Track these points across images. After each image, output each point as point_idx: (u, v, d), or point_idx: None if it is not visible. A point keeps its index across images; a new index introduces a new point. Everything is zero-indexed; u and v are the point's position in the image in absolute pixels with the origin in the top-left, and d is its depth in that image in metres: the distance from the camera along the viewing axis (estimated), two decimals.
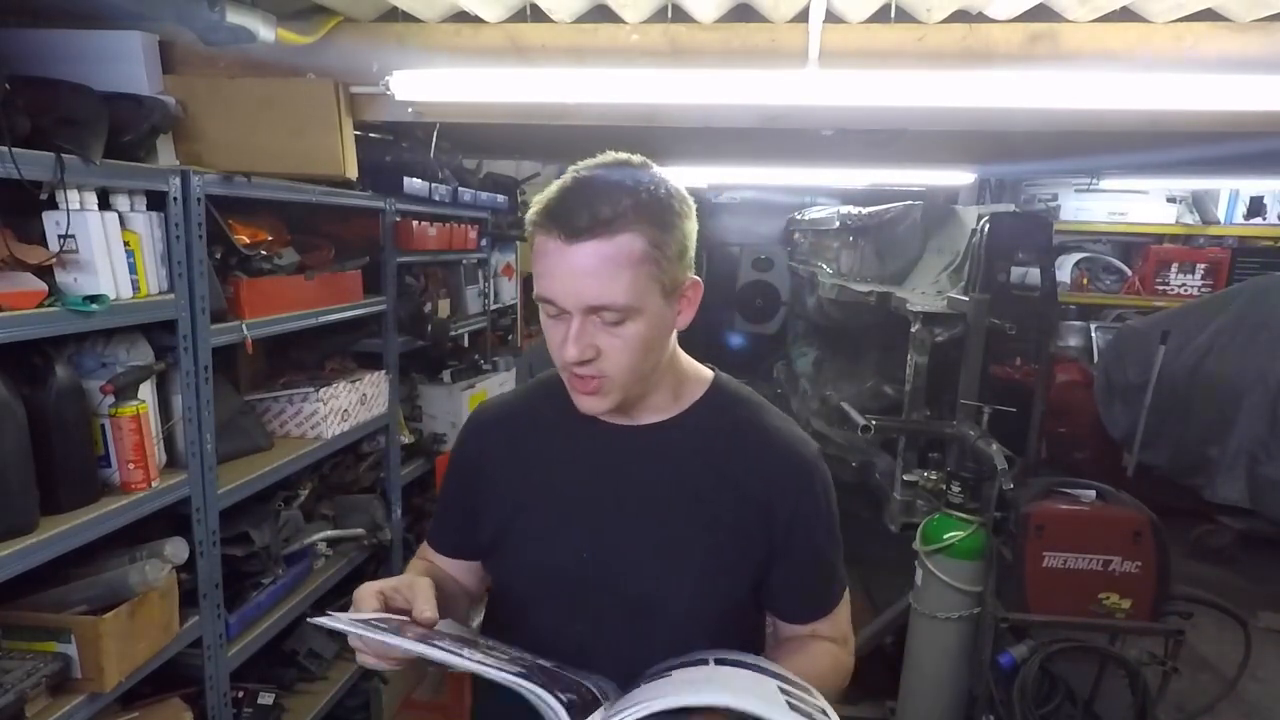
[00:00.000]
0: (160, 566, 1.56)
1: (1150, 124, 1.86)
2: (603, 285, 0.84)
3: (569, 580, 0.98)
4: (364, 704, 2.50)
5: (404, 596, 0.87)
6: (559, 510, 1.00)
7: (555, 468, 1.02)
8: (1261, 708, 3.01)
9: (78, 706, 1.44)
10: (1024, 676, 2.30)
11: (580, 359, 0.88)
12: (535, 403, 1.07)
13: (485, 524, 1.04)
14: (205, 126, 1.84)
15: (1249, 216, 5.64)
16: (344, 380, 2.34)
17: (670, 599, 0.96)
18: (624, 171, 0.89)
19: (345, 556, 2.40)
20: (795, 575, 1.01)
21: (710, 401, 1.02)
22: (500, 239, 3.71)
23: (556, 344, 0.90)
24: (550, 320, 0.90)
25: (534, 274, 0.90)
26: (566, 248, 0.84)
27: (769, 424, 1.02)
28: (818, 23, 1.73)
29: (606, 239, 0.84)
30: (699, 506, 0.97)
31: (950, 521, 2.48)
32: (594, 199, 0.84)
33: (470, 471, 1.07)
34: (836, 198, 6.33)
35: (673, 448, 0.99)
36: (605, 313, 0.86)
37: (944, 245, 3.68)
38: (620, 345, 0.88)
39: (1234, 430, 3.53)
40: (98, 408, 1.53)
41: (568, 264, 0.85)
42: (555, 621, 0.98)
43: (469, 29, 1.90)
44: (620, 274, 0.84)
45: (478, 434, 1.09)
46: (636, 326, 0.88)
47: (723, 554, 0.97)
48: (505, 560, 1.03)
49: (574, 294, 0.85)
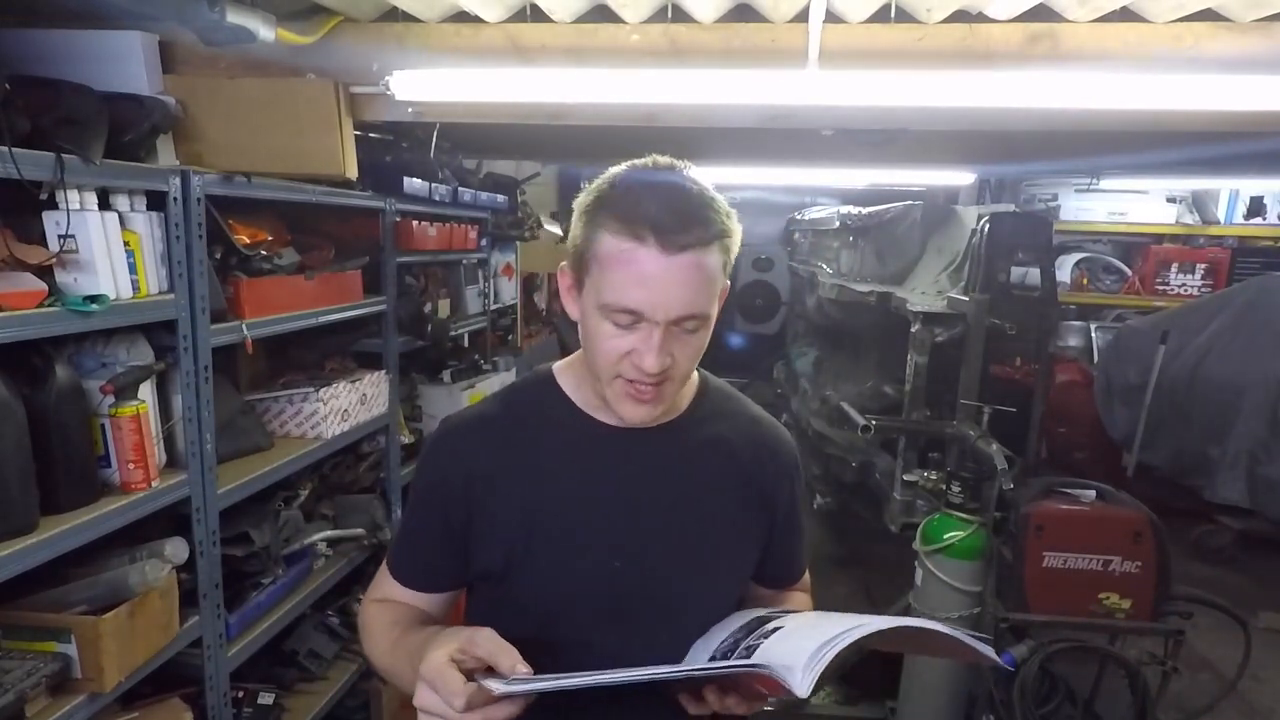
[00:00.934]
0: (160, 566, 1.56)
1: (1150, 124, 1.86)
2: (696, 295, 0.85)
3: (601, 591, 0.95)
4: (364, 704, 2.50)
5: (473, 654, 0.77)
6: (581, 522, 0.96)
7: (566, 479, 0.97)
8: (1261, 708, 3.01)
9: (78, 706, 1.44)
10: (1024, 676, 2.30)
11: (661, 369, 0.86)
12: (524, 413, 1.01)
13: (488, 548, 0.96)
14: (205, 126, 1.84)
15: (1249, 216, 5.64)
16: (344, 380, 2.34)
17: (701, 596, 0.98)
18: (687, 178, 0.88)
19: (345, 556, 2.40)
20: (785, 549, 1.10)
21: (705, 399, 1.04)
22: (500, 239, 3.71)
23: (618, 356, 0.87)
24: (616, 330, 0.86)
25: (602, 281, 0.86)
26: (666, 258, 0.82)
27: (757, 415, 1.09)
28: (818, 23, 1.73)
29: (704, 251, 0.84)
30: (712, 502, 0.99)
31: (950, 521, 2.48)
32: (693, 211, 0.85)
33: (455, 493, 0.96)
34: (836, 198, 6.34)
35: (680, 447, 1.00)
36: (688, 322, 0.86)
37: (944, 245, 3.68)
38: (690, 353, 0.90)
39: (1234, 430, 3.53)
40: (98, 408, 1.53)
41: (666, 275, 0.83)
42: (584, 635, 0.95)
43: (469, 29, 1.90)
44: (710, 285, 0.86)
45: (458, 451, 0.98)
46: (704, 333, 0.90)
47: (739, 545, 1.02)
48: (524, 580, 0.96)
49: (667, 304, 0.84)
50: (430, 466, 1.01)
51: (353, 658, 2.44)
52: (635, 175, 0.89)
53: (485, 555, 0.96)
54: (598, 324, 0.88)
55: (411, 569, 1.01)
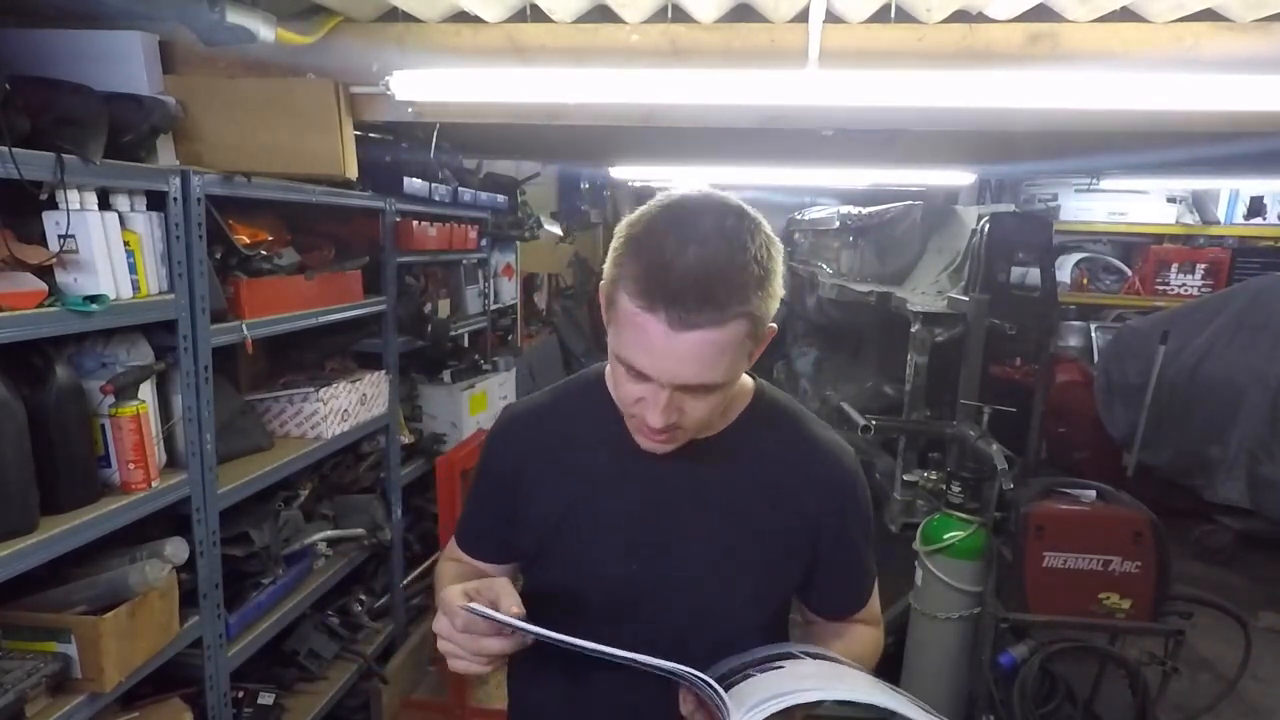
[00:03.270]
0: (160, 566, 1.56)
1: (1150, 124, 1.86)
2: (704, 369, 0.82)
3: (615, 596, 0.96)
4: (364, 704, 2.50)
5: (485, 597, 0.86)
6: (606, 524, 0.98)
7: (600, 480, 0.99)
8: (1261, 708, 3.00)
9: (78, 706, 1.44)
10: (1024, 676, 2.30)
11: (666, 425, 0.85)
12: (573, 409, 1.04)
13: (526, 533, 1.02)
14: (205, 126, 1.84)
15: (1249, 216, 5.64)
16: (344, 380, 2.34)
17: (720, 613, 0.96)
18: (729, 234, 0.80)
19: (345, 556, 2.40)
20: (836, 579, 1.05)
21: (755, 413, 1.01)
22: (500, 239, 3.71)
23: (631, 400, 0.87)
24: (629, 377, 0.86)
25: (619, 330, 0.85)
26: (672, 334, 0.78)
27: (812, 434, 1.02)
28: (818, 23, 1.73)
29: (718, 329, 0.79)
30: (748, 520, 0.97)
31: (950, 521, 2.48)
32: (714, 288, 0.77)
33: (506, 477, 1.03)
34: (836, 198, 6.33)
35: (721, 462, 0.97)
36: (698, 389, 0.84)
37: (944, 245, 3.68)
38: (702, 409, 0.87)
39: (1234, 430, 3.53)
40: (98, 408, 1.53)
41: (671, 350, 0.80)
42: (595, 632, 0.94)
43: (469, 29, 1.90)
44: (723, 358, 0.82)
45: (511, 438, 1.05)
46: (720, 395, 0.87)
47: (771, 568, 0.98)
48: (548, 573, 1.01)
49: (672, 375, 0.82)
50: (488, 449, 1.08)
51: (353, 658, 2.44)
52: (669, 226, 0.81)
53: (522, 540, 1.03)
54: (615, 364, 0.88)
55: (472, 539, 1.10)
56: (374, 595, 2.67)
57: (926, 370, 2.95)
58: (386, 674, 2.52)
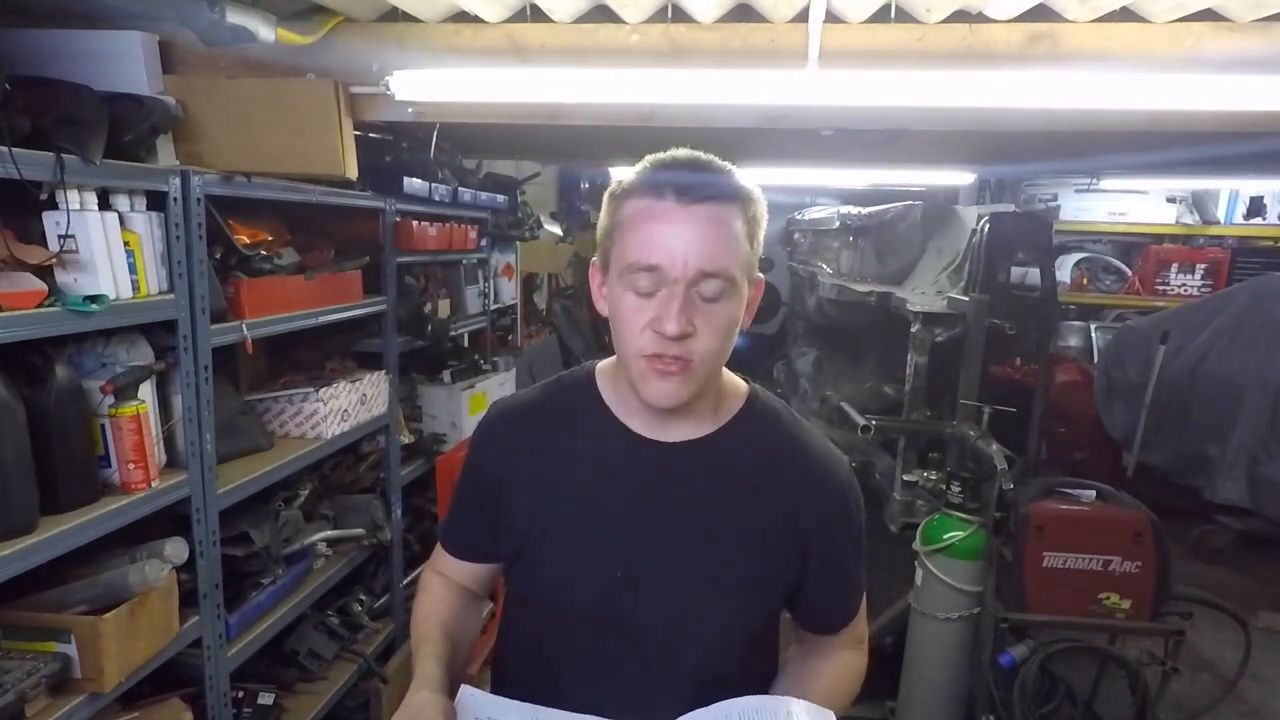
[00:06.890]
0: (160, 566, 1.56)
1: (1150, 124, 1.86)
2: (716, 250, 0.84)
3: (598, 598, 0.94)
4: (364, 704, 2.50)
5: None
6: (589, 527, 0.95)
7: (585, 481, 0.97)
8: (1261, 708, 3.01)
9: (78, 706, 1.44)
10: (1024, 676, 2.30)
11: (681, 333, 0.83)
12: (559, 408, 1.02)
13: (507, 532, 0.99)
14: (205, 126, 1.84)
15: (1249, 216, 5.65)
16: (344, 380, 2.33)
17: (704, 621, 0.94)
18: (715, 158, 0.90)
19: (345, 556, 2.40)
20: (825, 591, 1.02)
21: (747, 417, 0.99)
22: (500, 239, 3.71)
23: (643, 322, 0.85)
24: (638, 300, 0.86)
25: (624, 245, 0.87)
26: (681, 209, 0.83)
27: (805, 443, 1.00)
28: (818, 23, 1.73)
29: (722, 203, 0.85)
30: (735, 528, 0.95)
31: (950, 521, 2.48)
32: (707, 166, 0.87)
33: (489, 475, 1.01)
34: (836, 198, 6.34)
35: (709, 466, 0.95)
36: (711, 282, 0.84)
37: (944, 245, 3.68)
38: (714, 325, 0.86)
39: (1234, 430, 3.53)
40: (98, 408, 1.53)
41: (682, 225, 0.83)
42: (579, 643, 0.95)
43: (469, 29, 1.90)
44: (730, 243, 0.85)
45: (498, 438, 1.03)
46: (729, 306, 0.87)
47: (758, 577, 0.96)
48: (529, 574, 0.99)
49: (685, 256, 0.82)
50: (474, 446, 1.06)
51: (353, 658, 2.44)
52: (657, 156, 0.91)
53: (504, 540, 1.00)
54: (621, 296, 0.88)
55: (454, 536, 1.08)
56: (374, 595, 2.67)
57: (926, 370, 2.95)
58: (386, 674, 2.52)
